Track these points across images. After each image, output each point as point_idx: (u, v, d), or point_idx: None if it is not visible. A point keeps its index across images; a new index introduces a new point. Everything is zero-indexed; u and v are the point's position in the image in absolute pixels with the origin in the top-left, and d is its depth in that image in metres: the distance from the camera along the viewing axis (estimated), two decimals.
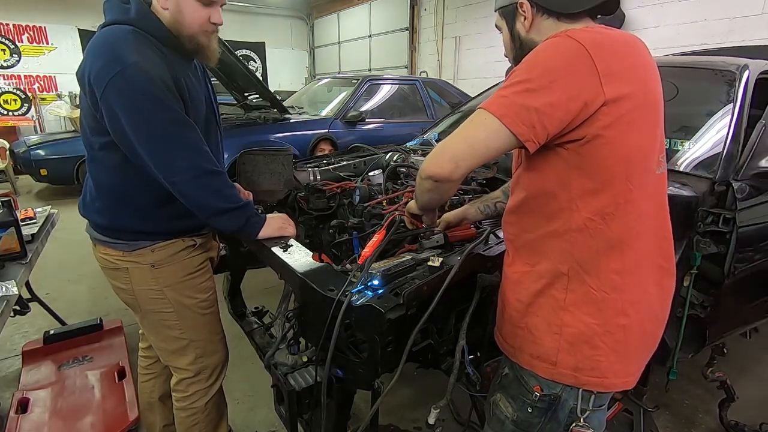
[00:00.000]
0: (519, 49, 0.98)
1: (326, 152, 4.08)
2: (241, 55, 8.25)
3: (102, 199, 1.28)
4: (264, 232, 1.30)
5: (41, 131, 8.32)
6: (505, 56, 1.05)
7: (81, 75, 1.16)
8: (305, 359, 1.29)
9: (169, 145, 1.15)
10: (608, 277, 0.87)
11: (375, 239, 1.22)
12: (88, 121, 1.22)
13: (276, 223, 1.34)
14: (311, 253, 1.26)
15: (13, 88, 8.55)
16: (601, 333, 0.88)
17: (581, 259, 0.87)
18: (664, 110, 0.91)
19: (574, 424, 0.93)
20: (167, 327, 1.37)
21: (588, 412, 0.93)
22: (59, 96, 8.67)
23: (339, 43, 12.29)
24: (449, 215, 1.37)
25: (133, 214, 1.27)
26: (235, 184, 1.39)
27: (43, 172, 5.35)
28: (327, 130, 4.69)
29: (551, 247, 0.90)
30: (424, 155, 2.17)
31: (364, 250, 1.14)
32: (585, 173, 0.83)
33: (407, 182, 1.92)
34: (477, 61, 7.90)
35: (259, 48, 11.97)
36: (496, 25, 1.05)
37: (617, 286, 0.87)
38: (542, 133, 0.79)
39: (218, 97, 1.46)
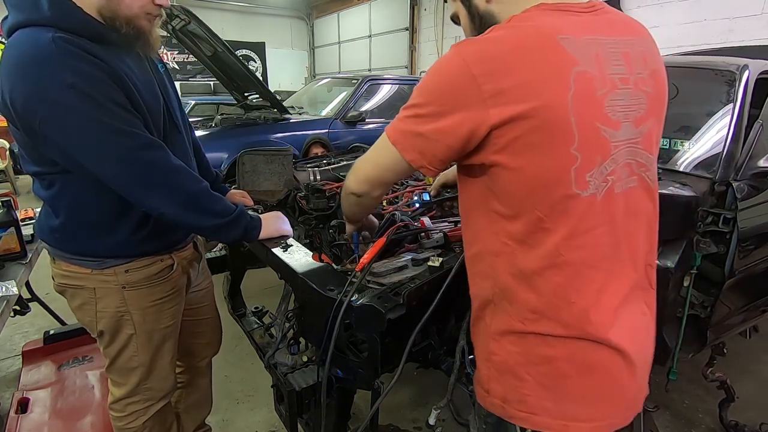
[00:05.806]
0: (479, 29, 0.83)
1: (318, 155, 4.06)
2: (241, 55, 8.22)
3: (65, 224, 1.13)
4: (264, 233, 1.29)
5: None
6: None
7: (2, 102, 0.98)
8: (305, 359, 1.29)
9: (142, 175, 1.03)
10: (524, 309, 0.80)
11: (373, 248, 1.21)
12: (27, 152, 1.07)
13: (274, 223, 1.33)
14: (311, 253, 1.26)
15: None
16: (524, 363, 0.81)
17: (502, 285, 0.82)
18: (665, 111, 0.87)
19: None
20: (122, 347, 1.25)
21: None
22: None
23: (339, 43, 12.31)
24: (447, 174, 1.40)
25: (102, 236, 1.14)
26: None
27: None
28: (326, 130, 4.68)
29: (478, 269, 0.87)
30: None
31: (362, 258, 1.14)
32: (497, 197, 0.78)
33: (407, 182, 1.92)
34: None
35: (259, 48, 11.98)
36: (452, 17, 0.94)
37: (534, 319, 0.79)
38: (433, 159, 0.77)
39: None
